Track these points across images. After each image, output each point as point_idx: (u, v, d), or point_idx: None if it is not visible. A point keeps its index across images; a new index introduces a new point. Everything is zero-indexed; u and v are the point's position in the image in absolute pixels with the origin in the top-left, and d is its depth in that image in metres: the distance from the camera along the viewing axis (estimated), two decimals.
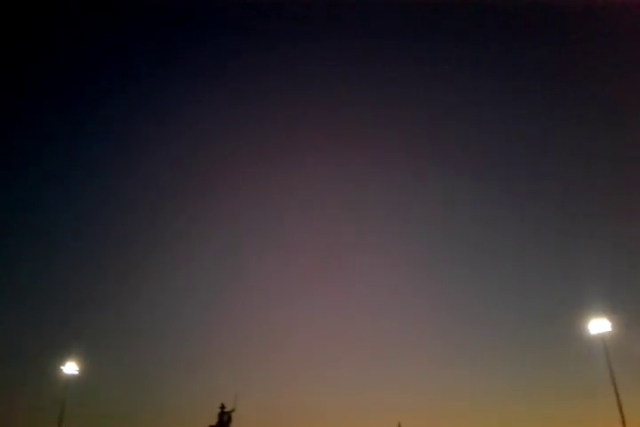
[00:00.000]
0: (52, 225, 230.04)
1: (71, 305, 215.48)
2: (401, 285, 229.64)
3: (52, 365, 58.26)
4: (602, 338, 41.14)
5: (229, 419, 53.45)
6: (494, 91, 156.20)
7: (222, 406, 53.95)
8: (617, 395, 36.67)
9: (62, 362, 51.74)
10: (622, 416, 35.23)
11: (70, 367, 51.38)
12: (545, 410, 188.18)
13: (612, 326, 42.33)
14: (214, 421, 53.49)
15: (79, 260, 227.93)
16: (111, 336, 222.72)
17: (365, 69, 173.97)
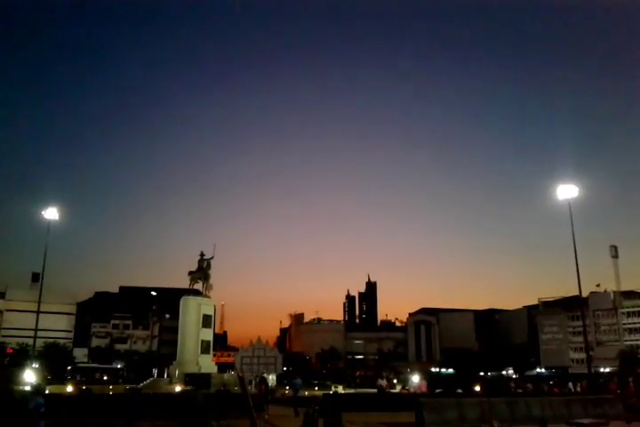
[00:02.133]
0: (45, 72, 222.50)
1: (54, 152, 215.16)
2: (394, 154, 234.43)
3: (33, 210, 59.22)
4: (568, 202, 42.92)
5: (208, 265, 56.46)
6: None
7: (202, 254, 56.71)
8: (575, 253, 39.85)
9: (43, 207, 52.48)
10: (577, 269, 39.23)
11: (51, 213, 52.21)
12: (515, 262, 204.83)
13: (579, 192, 43.94)
14: (194, 267, 56.61)
15: (66, 114, 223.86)
16: (92, 183, 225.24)
17: None
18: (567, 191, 44.45)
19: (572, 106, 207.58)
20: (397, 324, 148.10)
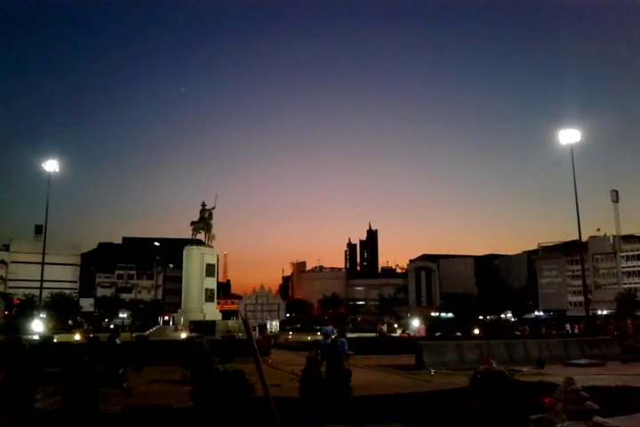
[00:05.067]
0: (48, 32, 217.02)
1: (55, 104, 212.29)
2: (394, 99, 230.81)
3: (34, 162, 59.14)
4: (570, 147, 42.67)
5: (210, 215, 56.77)
6: None
7: (204, 204, 56.96)
8: (576, 197, 39.85)
9: (44, 160, 52.42)
10: (578, 213, 39.40)
11: (51, 165, 52.14)
12: (516, 207, 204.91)
13: (581, 137, 43.63)
14: (197, 217, 56.95)
15: (67, 67, 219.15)
16: (92, 136, 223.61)
17: None
18: (569, 136, 44.15)
19: (574, 48, 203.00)
20: (398, 270, 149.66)
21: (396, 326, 70.82)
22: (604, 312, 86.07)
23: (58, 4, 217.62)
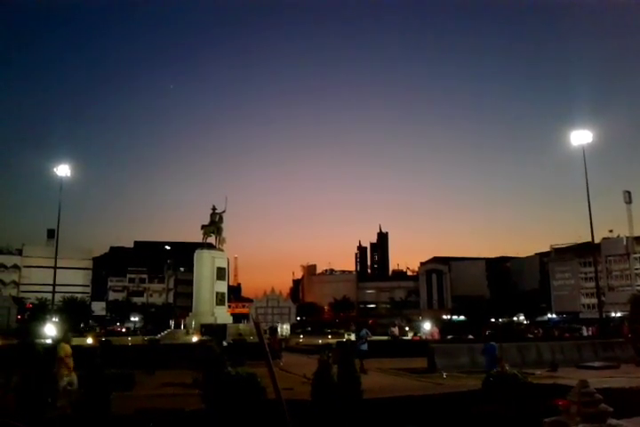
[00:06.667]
0: (52, 37, 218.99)
1: (64, 108, 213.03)
2: (405, 99, 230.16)
3: (45, 167, 59.63)
4: (582, 148, 42.43)
5: (220, 219, 56.92)
6: None
7: (214, 208, 57.10)
8: (588, 199, 39.59)
9: (56, 164, 52.86)
10: (590, 215, 39.22)
11: (63, 169, 52.58)
12: (528, 209, 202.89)
13: (593, 137, 43.37)
14: (207, 221, 57.12)
15: (74, 70, 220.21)
16: (101, 138, 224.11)
17: None
18: (581, 137, 43.89)
19: (585, 47, 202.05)
20: (409, 273, 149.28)
21: (407, 328, 70.56)
22: (618, 314, 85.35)
23: (64, 8, 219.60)
